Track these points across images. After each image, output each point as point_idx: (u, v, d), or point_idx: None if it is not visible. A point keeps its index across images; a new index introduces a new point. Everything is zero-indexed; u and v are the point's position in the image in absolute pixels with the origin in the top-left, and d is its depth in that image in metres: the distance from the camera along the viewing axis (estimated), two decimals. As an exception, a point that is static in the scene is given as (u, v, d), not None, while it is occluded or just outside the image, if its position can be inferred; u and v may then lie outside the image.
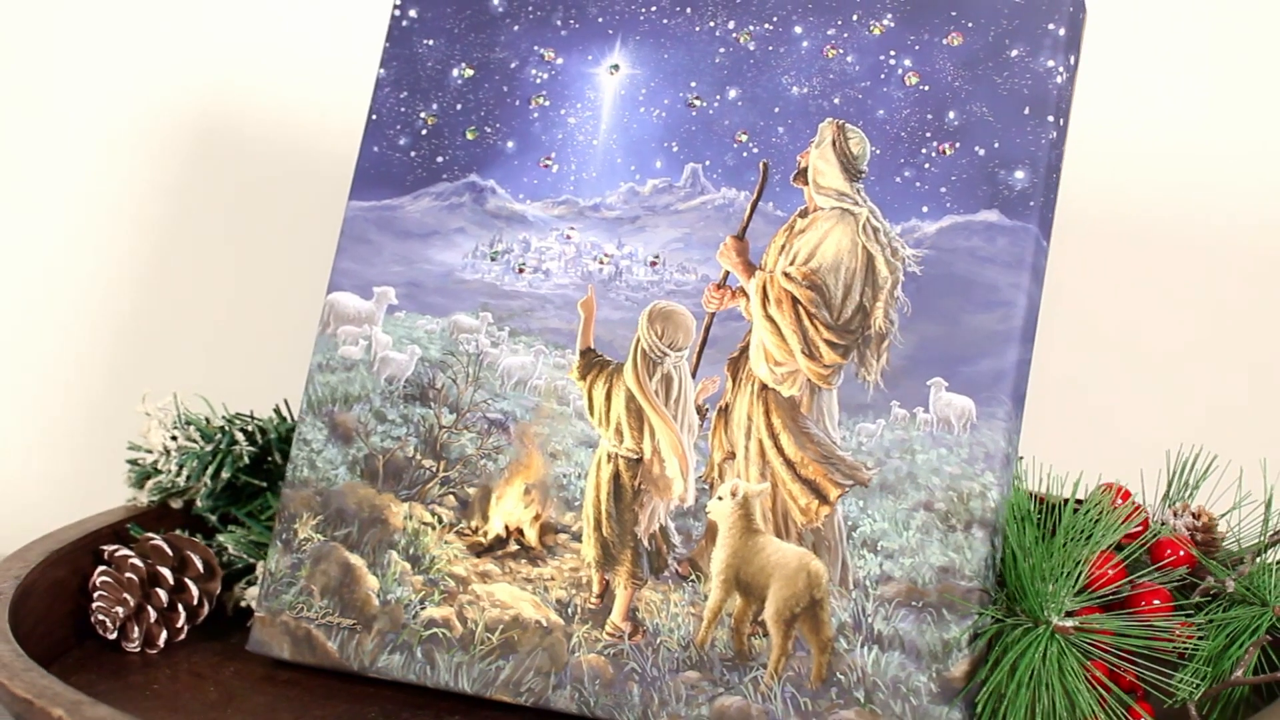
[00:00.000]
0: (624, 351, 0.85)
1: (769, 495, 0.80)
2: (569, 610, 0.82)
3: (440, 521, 0.86)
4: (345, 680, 0.86)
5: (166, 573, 0.88)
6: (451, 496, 0.86)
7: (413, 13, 0.94)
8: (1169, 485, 0.85)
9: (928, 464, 0.78)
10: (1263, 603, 0.80)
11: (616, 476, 0.83)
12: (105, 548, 0.90)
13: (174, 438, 0.95)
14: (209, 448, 0.96)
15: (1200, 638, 0.77)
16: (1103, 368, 1.19)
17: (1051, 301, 0.89)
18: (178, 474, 0.95)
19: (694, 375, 0.84)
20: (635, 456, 0.83)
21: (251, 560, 0.94)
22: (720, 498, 0.81)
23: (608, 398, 0.84)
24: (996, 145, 0.81)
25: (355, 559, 0.86)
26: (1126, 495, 0.84)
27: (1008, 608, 0.77)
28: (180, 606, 0.89)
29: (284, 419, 1.01)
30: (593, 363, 0.85)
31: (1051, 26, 0.81)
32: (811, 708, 0.77)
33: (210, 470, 0.95)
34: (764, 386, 0.82)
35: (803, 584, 0.78)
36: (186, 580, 0.89)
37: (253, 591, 0.92)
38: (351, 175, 0.96)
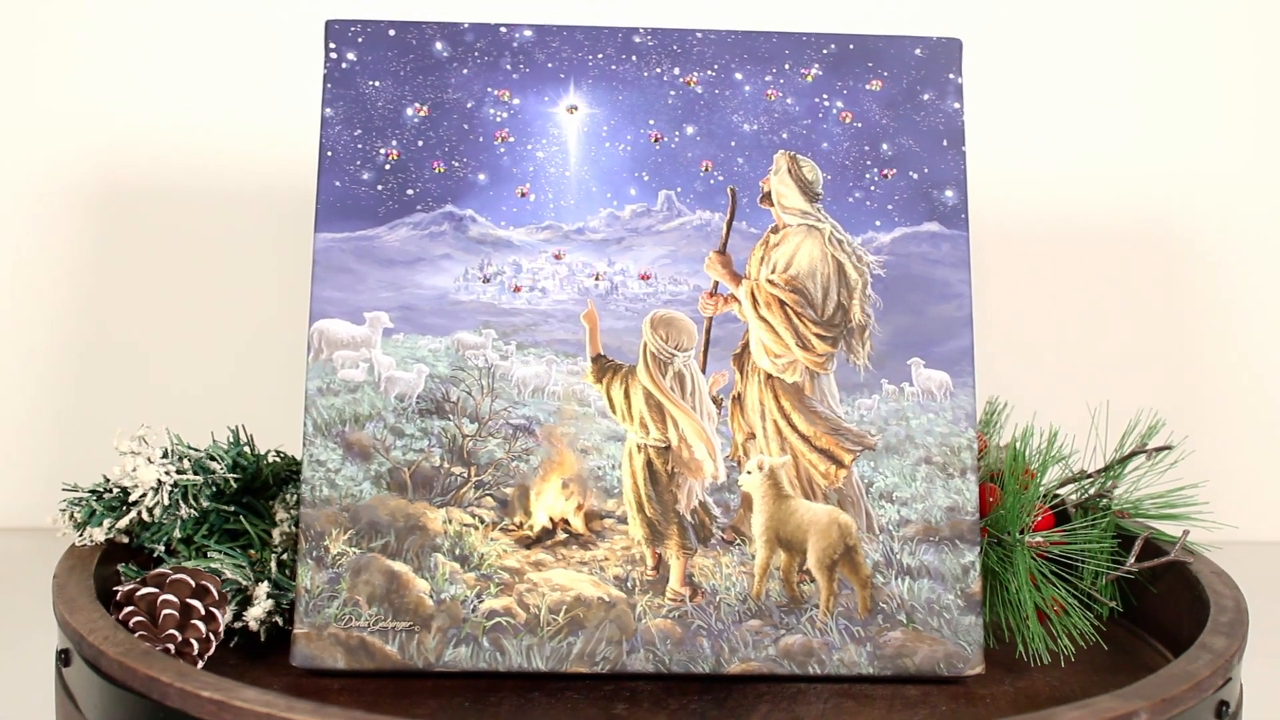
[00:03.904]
0: (633, 356, 1.04)
1: (792, 466, 1.01)
2: (628, 584, 0.98)
3: (482, 522, 0.99)
4: (403, 680, 0.97)
5: (197, 604, 0.95)
6: (489, 498, 1.00)
7: (351, 55, 1.08)
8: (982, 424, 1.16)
9: (921, 427, 1.03)
10: (1106, 510, 1.10)
11: (649, 464, 1.01)
12: (118, 588, 0.95)
13: (168, 472, 1.01)
14: (200, 479, 1.02)
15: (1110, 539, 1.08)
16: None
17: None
18: (171, 506, 1.01)
19: (704, 372, 1.03)
20: (663, 445, 1.01)
21: (244, 583, 1.01)
22: (749, 472, 1.01)
23: (626, 396, 1.02)
24: (927, 171, 1.09)
25: (399, 566, 0.98)
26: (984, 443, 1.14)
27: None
28: (210, 635, 0.95)
29: (229, 445, 1.09)
30: (605, 367, 1.03)
31: (951, 76, 1.11)
32: (864, 634, 0.98)
33: (193, 500, 1.02)
34: (769, 376, 1.03)
35: (836, 535, 0.99)
36: (213, 610, 0.96)
37: (254, 612, 1.01)
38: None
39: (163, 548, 1.06)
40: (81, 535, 1.05)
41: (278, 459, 1.15)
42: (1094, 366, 1.61)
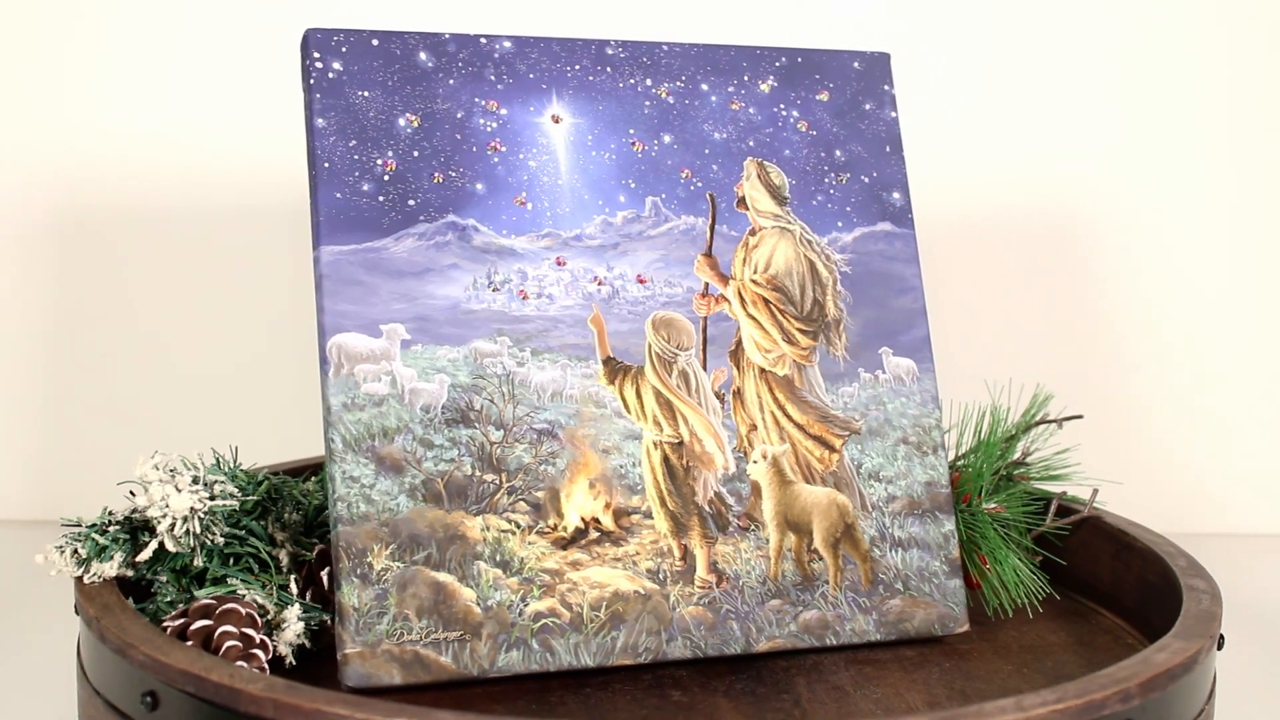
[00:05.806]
0: (640, 356, 1.07)
1: (791, 453, 1.07)
2: (659, 576, 1.03)
3: (518, 527, 1.01)
4: (454, 690, 0.98)
5: (253, 634, 0.94)
6: (522, 503, 1.02)
7: (337, 65, 1.07)
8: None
9: (896, 410, 1.11)
10: (1010, 478, 1.22)
11: (666, 459, 1.05)
12: (167, 623, 0.93)
13: (201, 499, 0.98)
14: (234, 504, 1.00)
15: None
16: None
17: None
18: (200, 534, 0.99)
19: (705, 369, 1.08)
20: (676, 441, 1.06)
21: (271, 608, 1.00)
22: (755, 461, 1.06)
23: (638, 396, 1.06)
24: (875, 175, 1.15)
25: (443, 577, 0.99)
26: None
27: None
28: (265, 664, 0.94)
29: (227, 466, 1.07)
30: (616, 369, 1.06)
31: (887, 88, 1.18)
32: (869, 604, 1.06)
33: (215, 527, 1.00)
34: (762, 370, 1.09)
35: (836, 515, 1.06)
36: (264, 638, 0.95)
37: (287, 635, 0.99)
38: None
39: (164, 578, 1.02)
40: (90, 572, 1.00)
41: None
42: (995, 347, 1.71)
